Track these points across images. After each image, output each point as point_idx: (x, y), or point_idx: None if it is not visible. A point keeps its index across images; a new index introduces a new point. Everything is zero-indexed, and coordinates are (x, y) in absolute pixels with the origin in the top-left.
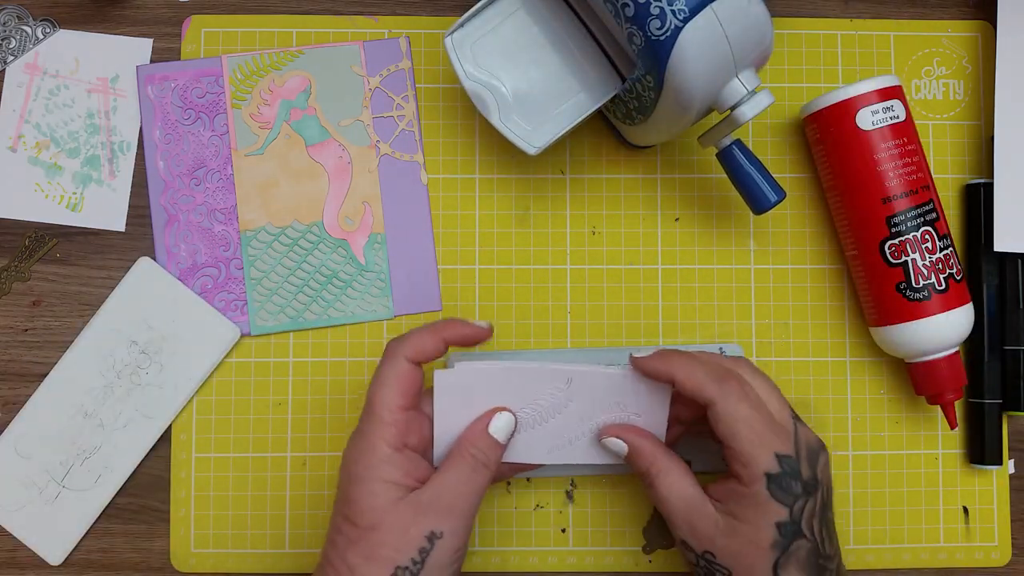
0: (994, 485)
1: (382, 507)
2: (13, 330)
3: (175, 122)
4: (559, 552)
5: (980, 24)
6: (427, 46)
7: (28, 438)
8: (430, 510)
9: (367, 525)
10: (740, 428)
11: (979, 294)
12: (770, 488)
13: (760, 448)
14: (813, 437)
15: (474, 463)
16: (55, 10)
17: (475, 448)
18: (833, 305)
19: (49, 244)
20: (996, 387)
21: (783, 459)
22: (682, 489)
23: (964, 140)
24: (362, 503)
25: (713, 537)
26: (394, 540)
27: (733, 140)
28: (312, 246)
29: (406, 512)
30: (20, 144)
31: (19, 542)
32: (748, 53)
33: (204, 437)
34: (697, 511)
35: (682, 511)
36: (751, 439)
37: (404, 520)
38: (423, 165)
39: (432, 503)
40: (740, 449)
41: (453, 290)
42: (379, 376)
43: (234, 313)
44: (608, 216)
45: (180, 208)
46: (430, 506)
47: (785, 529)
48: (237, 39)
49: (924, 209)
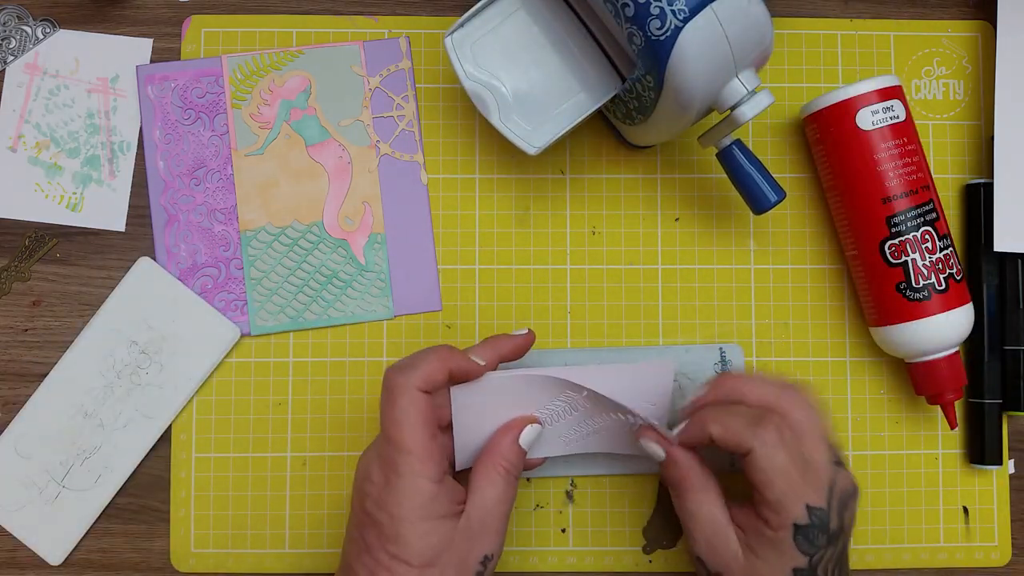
0: (994, 485)
1: (438, 545)
2: (13, 330)
3: (175, 122)
4: (559, 552)
5: (980, 24)
6: (427, 46)
7: (28, 438)
8: (481, 535)
9: (423, 563)
10: (775, 478)
11: (979, 294)
12: (796, 539)
13: (793, 499)
14: (849, 483)
15: (507, 476)
16: (55, 10)
17: (506, 461)
18: (833, 305)
19: (49, 244)
20: (996, 387)
21: (814, 511)
22: (710, 510)
23: (964, 140)
24: (416, 544)
25: (729, 565)
26: (453, 573)
27: (733, 140)
28: (312, 246)
29: (461, 544)
30: (20, 144)
31: (19, 542)
32: (748, 53)
33: (204, 437)
34: (720, 536)
35: (705, 532)
36: (785, 490)
37: (460, 552)
38: (423, 165)
39: (480, 528)
40: (773, 498)
41: (453, 290)
42: (397, 413)
43: (234, 313)
44: (608, 216)
45: (180, 208)
46: (480, 532)
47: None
48: (237, 39)
49: (924, 209)
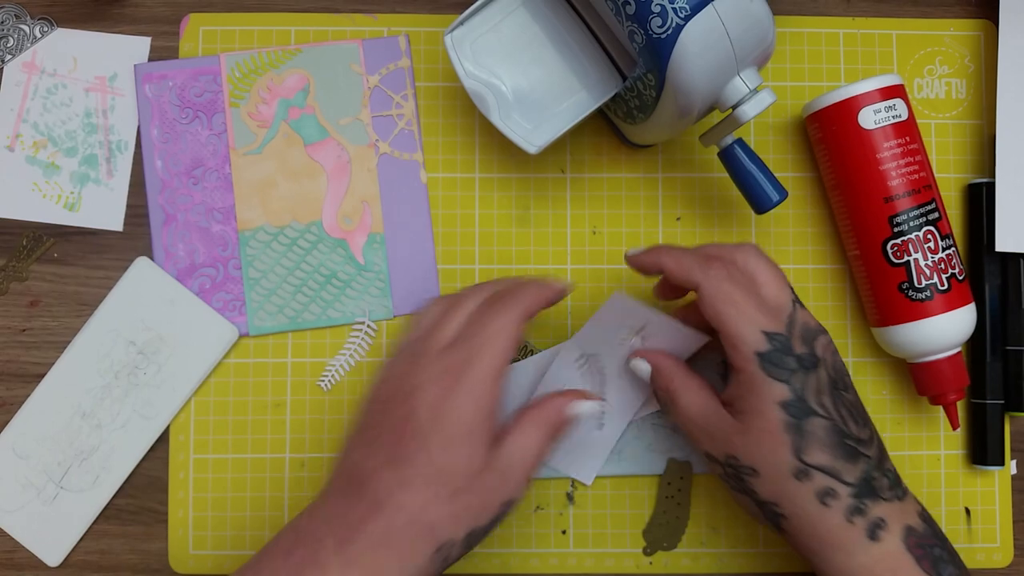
0: (996, 486)
1: (476, 473)
2: (11, 330)
3: (173, 121)
4: (560, 554)
5: (982, 23)
6: (426, 44)
7: (26, 439)
8: (510, 478)
9: (456, 488)
10: (725, 308)
11: (981, 294)
12: (764, 367)
13: (748, 327)
14: (812, 321)
15: (552, 434)
16: (53, 9)
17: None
18: (835, 305)
19: (47, 244)
20: (998, 387)
21: (773, 336)
22: (700, 401)
23: (966, 139)
24: (459, 467)
25: (730, 438)
26: (479, 505)
27: (735, 139)
28: (311, 246)
29: (493, 481)
30: (18, 143)
31: (17, 543)
32: (750, 51)
33: (202, 438)
34: (713, 417)
35: (700, 422)
36: (737, 318)
37: (490, 488)
38: (422, 164)
39: (511, 471)
40: (727, 330)
41: (453, 290)
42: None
43: (232, 313)
44: (609, 215)
45: (178, 207)
46: (510, 474)
47: (792, 408)
48: (235, 38)
49: (926, 209)
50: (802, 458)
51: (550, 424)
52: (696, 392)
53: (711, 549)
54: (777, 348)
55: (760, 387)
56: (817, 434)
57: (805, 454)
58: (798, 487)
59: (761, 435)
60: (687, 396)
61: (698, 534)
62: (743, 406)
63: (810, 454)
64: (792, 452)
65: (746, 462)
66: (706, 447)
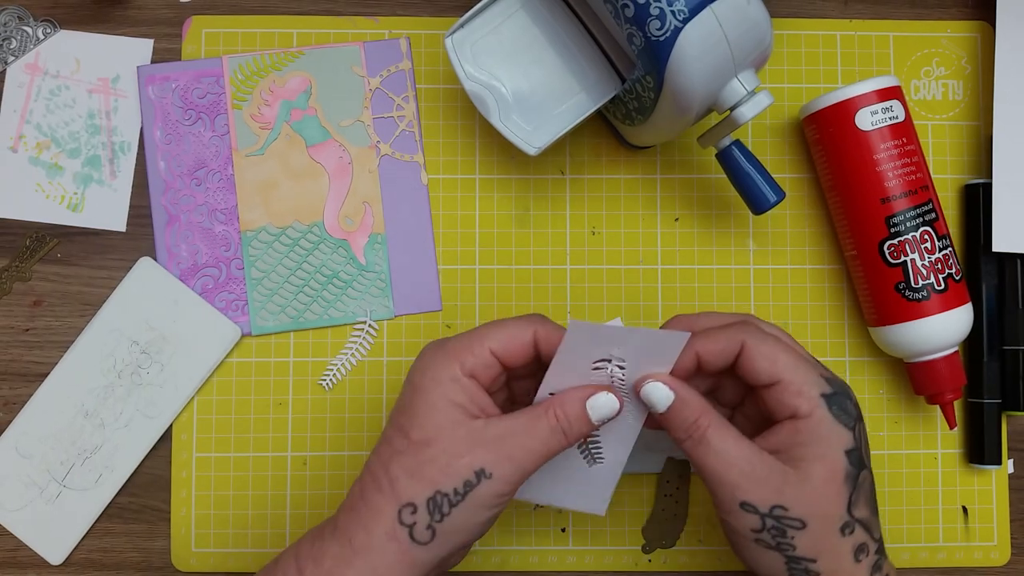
0: (993, 485)
1: (439, 425)
2: (14, 330)
3: (176, 122)
4: (559, 551)
5: (979, 25)
6: (427, 47)
7: (29, 438)
8: (489, 447)
9: (420, 439)
10: (780, 356)
11: (978, 294)
12: (831, 410)
13: (807, 373)
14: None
15: (555, 425)
16: (56, 11)
17: (563, 412)
18: (832, 305)
19: (50, 244)
20: (995, 387)
21: (829, 379)
22: (738, 442)
23: (963, 140)
24: (420, 415)
25: (782, 488)
26: (443, 462)
27: (732, 140)
28: (313, 246)
29: (463, 439)
30: (21, 144)
31: (20, 542)
32: (748, 54)
33: (205, 437)
34: (759, 464)
35: (742, 467)
36: (797, 363)
37: (458, 446)
38: (423, 165)
39: (492, 441)
40: (789, 378)
41: (453, 290)
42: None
43: (235, 313)
44: (608, 216)
45: (181, 208)
46: (490, 443)
47: (853, 457)
48: (238, 40)
49: (923, 209)
50: (852, 511)
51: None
52: (736, 434)
53: (710, 547)
54: (837, 390)
55: (827, 433)
56: (865, 487)
57: (854, 507)
58: (841, 542)
59: (824, 485)
60: (725, 437)
61: (696, 532)
62: (802, 453)
63: (858, 508)
64: (845, 505)
65: (796, 513)
66: (743, 496)
